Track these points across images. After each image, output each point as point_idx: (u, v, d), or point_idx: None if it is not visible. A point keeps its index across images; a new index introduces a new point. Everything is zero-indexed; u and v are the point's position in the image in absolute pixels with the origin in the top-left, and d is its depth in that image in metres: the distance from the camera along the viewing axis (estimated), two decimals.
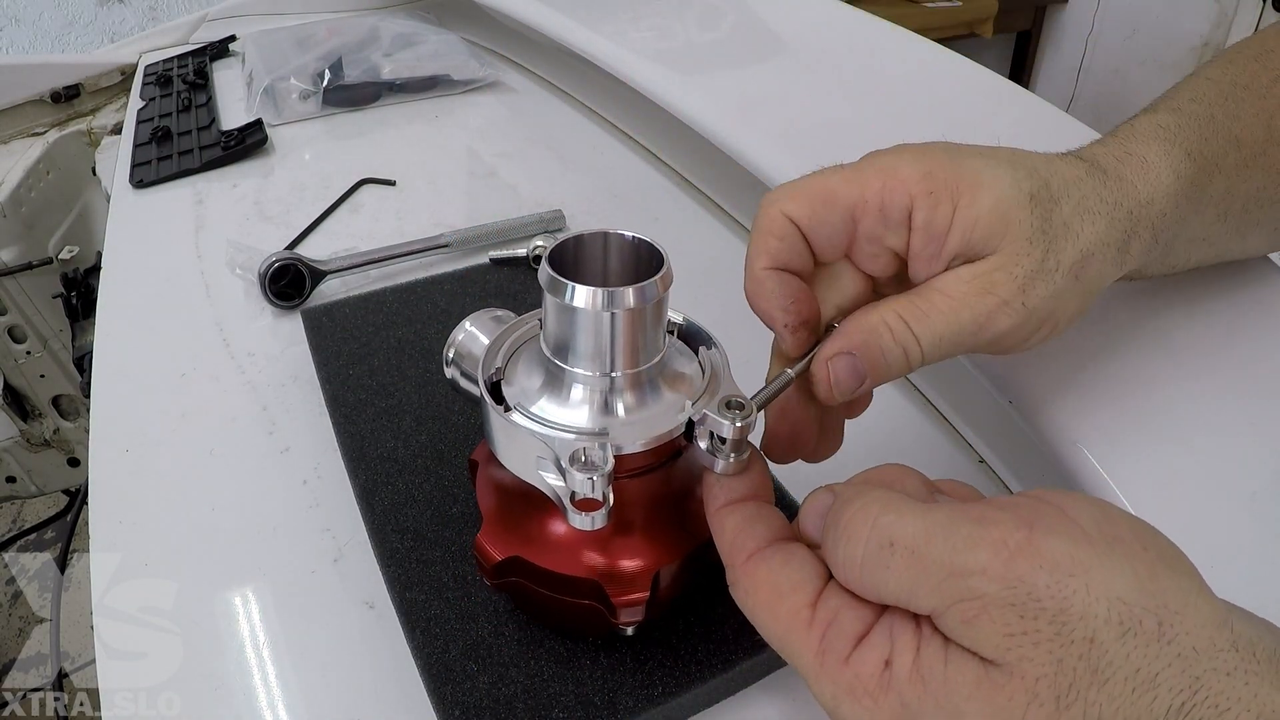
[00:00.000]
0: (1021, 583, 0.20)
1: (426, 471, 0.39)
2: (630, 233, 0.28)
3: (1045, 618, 0.20)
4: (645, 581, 0.28)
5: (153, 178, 0.72)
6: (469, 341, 0.33)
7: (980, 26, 2.17)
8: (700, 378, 0.29)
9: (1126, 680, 0.19)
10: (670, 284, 0.27)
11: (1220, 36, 2.04)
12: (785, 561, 0.25)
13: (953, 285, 0.28)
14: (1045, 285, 0.28)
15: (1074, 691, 0.20)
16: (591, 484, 0.25)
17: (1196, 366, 0.36)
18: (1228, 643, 0.20)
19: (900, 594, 0.22)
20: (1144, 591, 0.20)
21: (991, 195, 0.27)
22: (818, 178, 0.29)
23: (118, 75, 1.02)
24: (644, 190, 0.69)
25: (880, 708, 0.22)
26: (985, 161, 0.28)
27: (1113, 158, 0.31)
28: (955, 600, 0.21)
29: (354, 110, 0.84)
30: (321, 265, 0.55)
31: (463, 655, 0.31)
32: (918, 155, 0.28)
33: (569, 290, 0.26)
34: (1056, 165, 0.30)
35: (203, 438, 0.45)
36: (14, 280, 0.88)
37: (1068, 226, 0.28)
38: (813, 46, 0.68)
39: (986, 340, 0.28)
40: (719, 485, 0.27)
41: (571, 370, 0.28)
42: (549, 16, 0.76)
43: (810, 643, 0.23)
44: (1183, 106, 0.33)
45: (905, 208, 0.28)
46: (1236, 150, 0.33)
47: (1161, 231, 0.31)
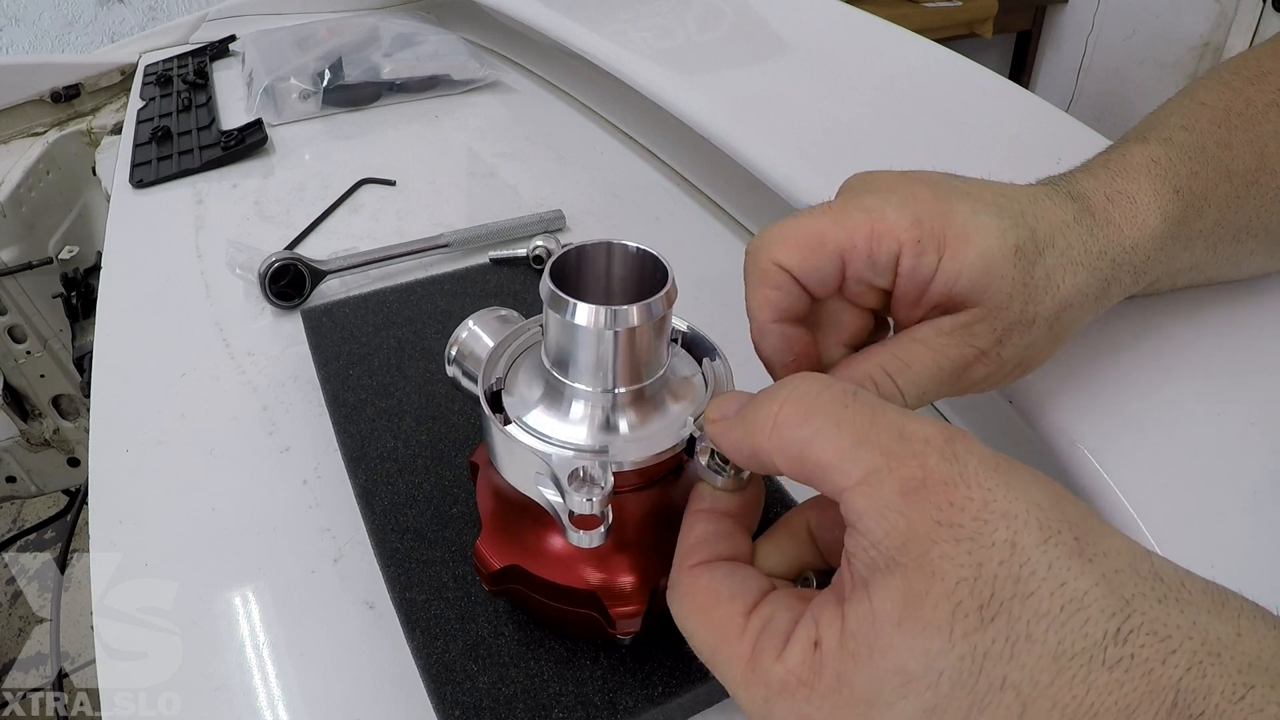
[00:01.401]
0: (958, 461, 0.20)
1: (426, 471, 0.39)
2: (634, 244, 0.28)
3: (970, 511, 0.19)
4: (643, 595, 0.28)
5: (153, 178, 0.72)
6: (472, 341, 0.33)
7: (980, 26, 2.17)
8: (703, 391, 0.29)
9: (1053, 595, 0.18)
10: (674, 300, 0.26)
11: (1220, 36, 2.04)
12: (730, 573, 0.24)
13: (933, 337, 0.28)
14: (1021, 337, 0.28)
15: (996, 602, 0.18)
16: (590, 503, 0.25)
17: (1196, 366, 0.36)
18: (1150, 572, 0.19)
19: (837, 447, 0.21)
20: (1058, 506, 0.20)
21: (977, 249, 0.27)
22: (806, 220, 0.28)
23: (118, 75, 1.01)
24: (644, 190, 0.69)
25: (815, 693, 0.20)
26: (973, 207, 0.28)
27: (1102, 196, 0.31)
28: (902, 462, 0.20)
29: (354, 110, 0.84)
30: (321, 265, 0.55)
31: (463, 655, 0.31)
32: (904, 199, 0.28)
33: (570, 308, 0.25)
34: (1045, 208, 0.29)
35: (203, 438, 0.45)
36: (14, 280, 0.88)
37: (1049, 278, 0.28)
38: (813, 46, 0.68)
39: (962, 386, 0.29)
40: (708, 493, 0.27)
41: (572, 385, 0.27)
42: (549, 16, 0.76)
43: (741, 650, 0.22)
44: (1174, 136, 0.33)
45: (893, 253, 0.28)
46: (1228, 183, 0.32)
47: (1144, 274, 0.31)
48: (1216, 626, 0.18)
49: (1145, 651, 0.18)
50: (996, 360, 0.28)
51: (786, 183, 0.49)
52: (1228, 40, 2.02)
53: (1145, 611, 0.18)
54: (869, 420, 0.21)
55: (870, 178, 0.30)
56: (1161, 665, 0.18)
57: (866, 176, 0.31)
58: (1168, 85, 2.17)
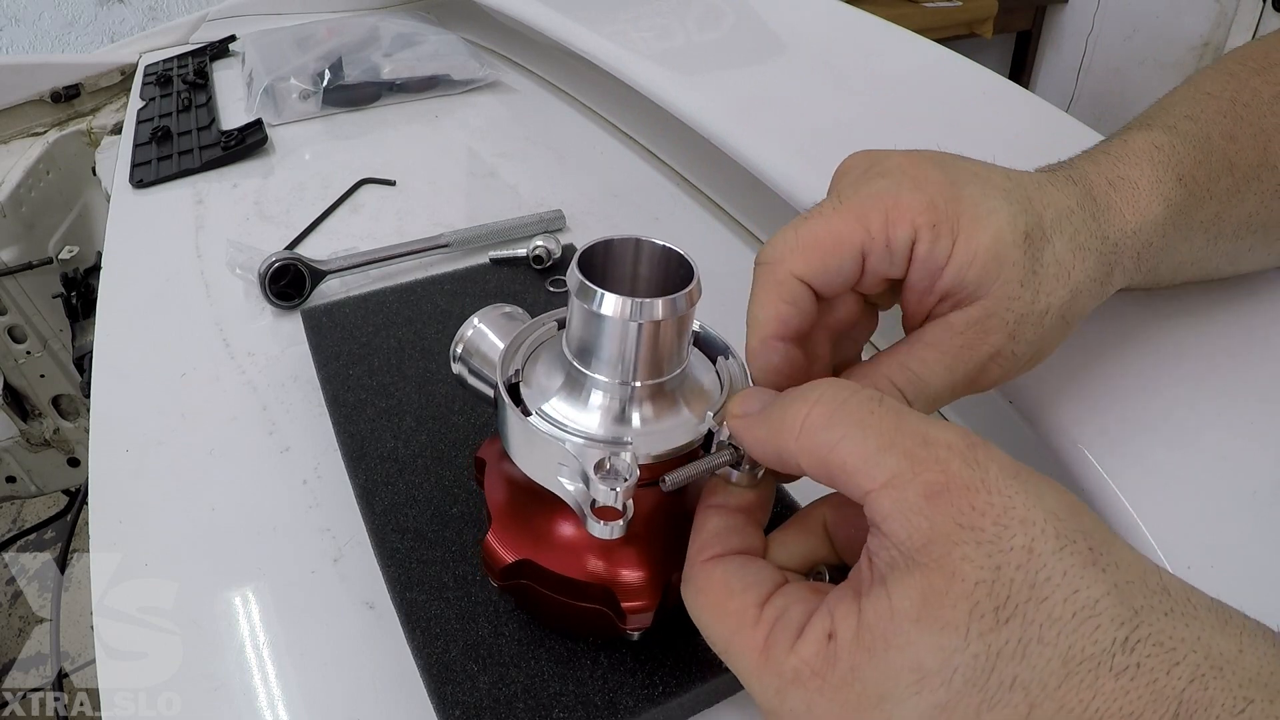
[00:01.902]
0: (979, 467, 0.20)
1: (426, 471, 0.39)
2: (662, 241, 0.28)
3: (991, 515, 0.19)
4: (655, 591, 0.28)
5: (153, 178, 0.72)
6: (478, 338, 0.33)
7: (980, 26, 2.17)
8: (718, 389, 0.29)
9: (1065, 601, 0.19)
10: (699, 297, 0.26)
11: (1220, 36, 2.04)
12: (743, 565, 0.24)
13: (945, 338, 0.28)
14: (1034, 329, 0.28)
15: (1011, 604, 0.19)
16: (615, 494, 0.25)
17: (1197, 367, 0.36)
18: (1158, 585, 0.20)
19: (863, 451, 0.21)
20: (1074, 516, 0.20)
21: (989, 232, 0.27)
22: (818, 223, 0.27)
23: (118, 75, 1.01)
24: (644, 190, 0.69)
25: (827, 684, 0.20)
26: (983, 190, 0.28)
27: (1104, 181, 0.30)
28: (926, 467, 0.20)
29: (354, 110, 0.84)
30: (321, 265, 0.55)
31: (463, 655, 0.31)
32: (917, 182, 0.28)
33: (598, 297, 0.25)
34: (1050, 195, 0.29)
35: (203, 438, 0.45)
36: (14, 280, 0.88)
37: (1060, 264, 0.28)
38: (813, 46, 0.68)
39: (976, 390, 0.28)
40: (722, 488, 0.27)
41: (594, 376, 0.27)
42: (549, 16, 0.76)
43: (754, 641, 0.22)
44: (1179, 125, 0.32)
45: (909, 239, 0.27)
46: (1229, 174, 0.32)
47: (1145, 260, 0.31)
48: (1220, 642, 0.19)
49: (1151, 661, 0.18)
50: (1010, 359, 0.28)
51: (786, 183, 0.49)
52: (1228, 40, 2.02)
53: (1153, 623, 0.19)
54: (894, 426, 0.21)
55: (874, 159, 0.29)
56: (1166, 676, 0.18)
57: (868, 157, 0.30)
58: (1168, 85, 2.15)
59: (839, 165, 0.31)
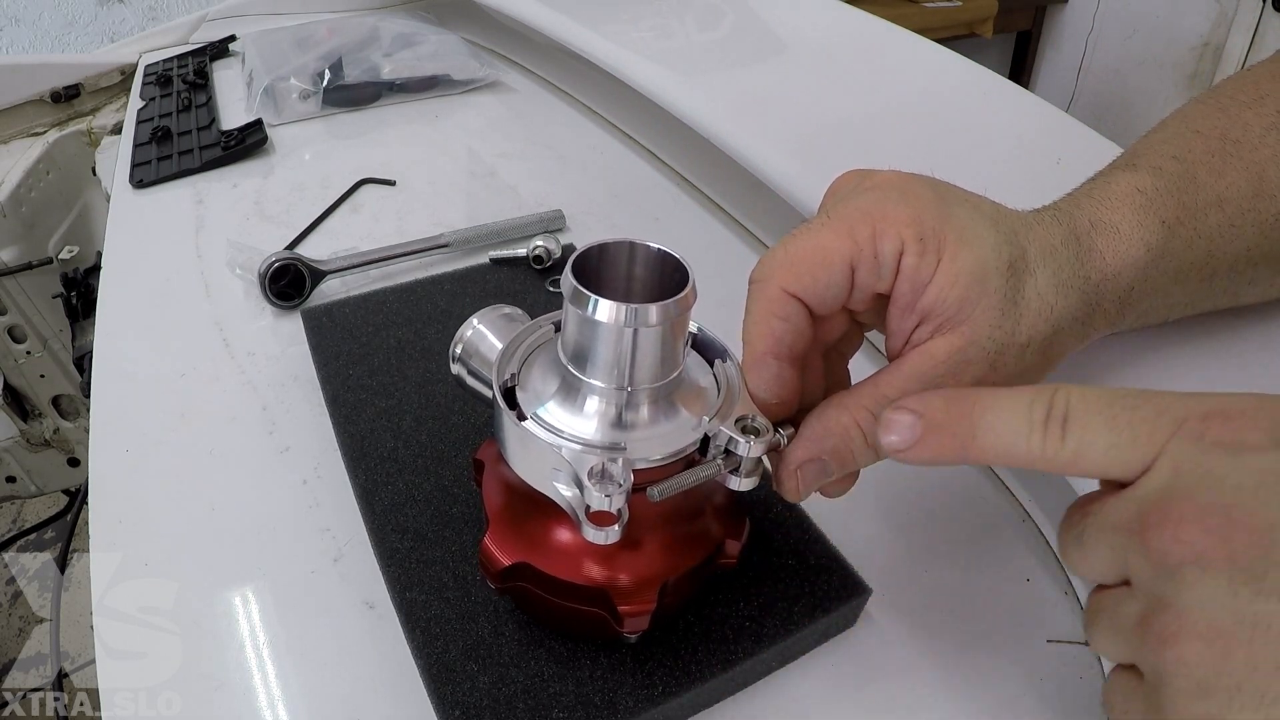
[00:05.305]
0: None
1: (426, 471, 0.39)
2: (656, 244, 0.28)
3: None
4: (651, 593, 0.28)
5: (153, 178, 0.72)
6: (477, 339, 0.33)
7: (980, 26, 2.17)
8: (715, 392, 0.29)
9: None
10: (694, 302, 0.26)
11: (1220, 36, 2.04)
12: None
13: (926, 367, 0.27)
14: (1015, 361, 0.28)
15: None
16: (609, 500, 0.25)
17: (1197, 367, 0.36)
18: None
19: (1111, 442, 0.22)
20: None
21: (973, 255, 0.27)
22: (807, 238, 0.28)
23: (118, 75, 1.01)
24: (644, 190, 0.69)
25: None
26: (970, 215, 0.28)
27: (1086, 223, 0.30)
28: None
29: (354, 110, 0.84)
30: (321, 265, 0.55)
31: (463, 655, 0.31)
32: (906, 196, 0.28)
33: (592, 303, 0.25)
34: (1036, 231, 0.29)
35: (202, 438, 0.45)
36: (14, 280, 0.88)
37: (1041, 298, 0.28)
38: (813, 46, 0.68)
39: None
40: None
41: (589, 381, 0.27)
42: (549, 16, 0.76)
43: None
44: (1164, 166, 0.32)
45: (897, 251, 0.27)
46: (1219, 210, 0.31)
47: (1129, 305, 0.31)
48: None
49: None
50: None
51: (786, 183, 0.49)
52: (1228, 40, 2.02)
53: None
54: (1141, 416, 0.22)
55: (864, 176, 0.30)
56: None
57: (859, 175, 0.30)
58: (1168, 85, 2.17)
59: (830, 184, 0.31)
